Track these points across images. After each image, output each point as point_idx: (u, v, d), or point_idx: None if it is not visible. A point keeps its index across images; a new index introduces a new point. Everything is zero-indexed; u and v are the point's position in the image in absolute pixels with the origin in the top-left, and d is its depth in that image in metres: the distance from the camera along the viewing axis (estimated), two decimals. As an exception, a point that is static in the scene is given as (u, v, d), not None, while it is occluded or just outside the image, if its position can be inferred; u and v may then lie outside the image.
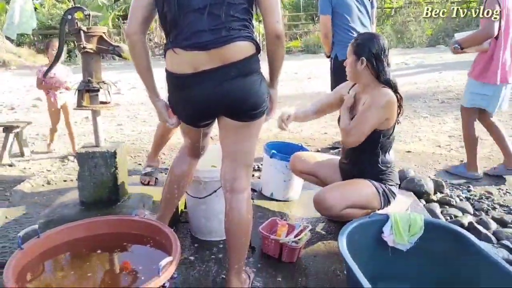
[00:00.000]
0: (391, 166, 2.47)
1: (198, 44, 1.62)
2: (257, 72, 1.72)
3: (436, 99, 6.92)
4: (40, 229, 1.80)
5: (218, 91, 1.66)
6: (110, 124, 6.12)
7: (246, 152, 1.84)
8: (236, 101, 1.69)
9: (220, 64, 1.63)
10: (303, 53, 17.62)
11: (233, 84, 1.65)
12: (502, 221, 2.83)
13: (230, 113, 1.74)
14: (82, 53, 2.41)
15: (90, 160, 2.47)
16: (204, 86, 1.66)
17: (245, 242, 1.87)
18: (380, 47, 2.33)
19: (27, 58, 15.26)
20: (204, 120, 1.85)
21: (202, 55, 1.63)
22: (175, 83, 1.74)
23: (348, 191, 2.40)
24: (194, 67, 1.65)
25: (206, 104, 1.72)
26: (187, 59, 1.65)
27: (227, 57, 1.63)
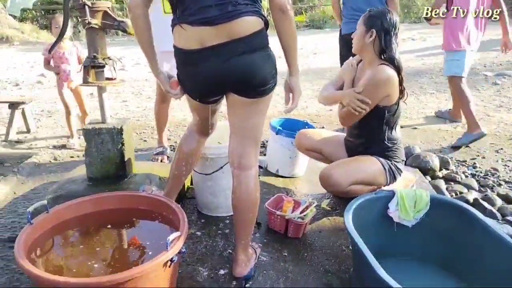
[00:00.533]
0: (397, 142, 2.47)
1: (204, 19, 1.60)
2: (265, 48, 1.69)
3: (442, 75, 6.83)
4: (49, 205, 1.82)
5: (225, 67, 1.64)
6: (115, 100, 6.12)
7: (254, 128, 1.83)
8: (244, 77, 1.67)
9: (227, 39, 1.61)
10: (308, 28, 17.37)
11: (240, 60, 1.64)
12: (507, 198, 2.84)
13: (237, 89, 1.73)
14: (87, 29, 2.39)
15: (97, 136, 2.48)
16: (211, 62, 1.65)
17: (252, 218, 1.88)
18: (392, 23, 2.29)
19: (30, 33, 15.14)
20: (212, 96, 1.83)
21: (209, 30, 1.60)
22: (183, 59, 1.73)
23: (354, 168, 2.41)
24: (201, 43, 1.63)
25: (213, 80, 1.70)
26: (194, 34, 1.63)
27: (234, 32, 1.61)
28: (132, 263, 1.68)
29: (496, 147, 3.78)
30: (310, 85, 6.70)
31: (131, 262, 1.71)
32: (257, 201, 1.88)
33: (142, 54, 1.83)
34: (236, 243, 1.91)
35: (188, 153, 2.11)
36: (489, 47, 8.69)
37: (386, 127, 2.41)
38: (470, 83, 6.12)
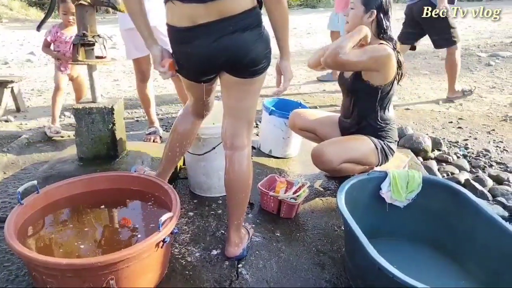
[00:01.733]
0: (390, 123, 2.46)
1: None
2: (258, 27, 1.64)
3: (436, 56, 6.82)
4: (39, 185, 1.80)
5: (216, 45, 1.61)
6: (106, 79, 6.04)
7: (247, 109, 1.81)
8: (235, 56, 1.64)
9: (218, 17, 1.57)
10: (302, 7, 17.20)
11: (231, 39, 1.60)
12: (498, 179, 2.86)
13: (230, 68, 1.70)
14: (76, 5, 2.33)
15: (88, 116, 2.45)
16: (202, 40, 1.61)
17: (244, 198, 1.88)
18: (390, 2, 2.28)
19: (19, 10, 14.88)
20: (205, 75, 1.80)
21: (200, 7, 1.56)
22: (175, 36, 1.69)
23: (347, 146, 2.40)
24: (192, 21, 1.59)
25: (205, 59, 1.67)
26: (185, 11, 1.59)
27: (225, 10, 1.57)
28: (124, 244, 1.68)
29: (488, 128, 3.79)
30: (304, 65, 6.64)
31: (123, 242, 1.71)
32: (250, 181, 1.87)
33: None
34: (229, 223, 1.91)
35: (183, 134, 2.09)
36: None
37: (379, 107, 2.40)
38: (464, 64, 6.12)
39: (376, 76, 2.31)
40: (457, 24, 4.20)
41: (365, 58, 2.24)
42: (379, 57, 2.24)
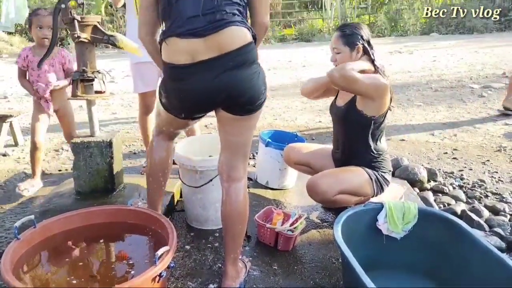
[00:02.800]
0: (383, 153, 2.48)
1: (193, 30, 1.58)
2: (255, 63, 1.68)
3: (429, 88, 6.93)
4: (36, 219, 1.80)
5: (217, 82, 1.62)
6: (105, 112, 6.09)
7: (243, 143, 1.83)
8: (234, 94, 1.65)
9: (218, 53, 1.59)
10: (297, 41, 17.53)
11: (231, 75, 1.62)
12: (494, 209, 2.87)
13: (228, 105, 1.71)
14: (76, 42, 2.39)
15: (85, 149, 2.48)
16: (201, 78, 1.63)
17: (241, 230, 1.88)
18: (368, 33, 2.38)
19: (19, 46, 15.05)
20: (198, 113, 1.83)
21: (199, 42, 1.58)
22: (171, 74, 1.70)
23: (341, 177, 2.41)
24: (191, 57, 1.61)
25: (204, 96, 1.68)
26: (183, 47, 1.61)
27: (224, 45, 1.59)
28: (121, 278, 1.67)
29: (483, 158, 3.83)
30: (299, 97, 6.73)
31: (119, 277, 1.69)
32: (246, 213, 1.88)
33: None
34: (226, 257, 1.90)
35: (161, 163, 2.07)
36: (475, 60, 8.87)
37: (371, 138, 2.43)
38: (457, 96, 6.22)
39: (371, 105, 2.34)
40: (449, 57, 4.26)
41: (368, 82, 2.27)
42: (380, 86, 2.29)
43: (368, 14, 19.63)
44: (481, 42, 12.48)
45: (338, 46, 2.37)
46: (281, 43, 17.18)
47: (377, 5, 19.96)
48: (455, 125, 4.87)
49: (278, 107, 6.09)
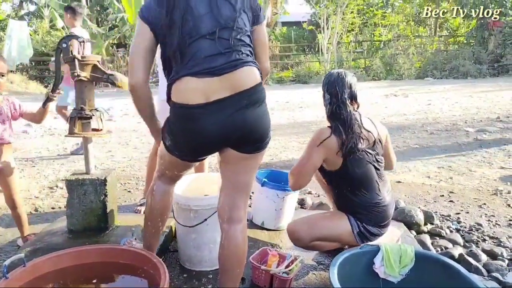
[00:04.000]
0: (368, 206, 2.35)
1: (211, 69, 1.59)
2: (264, 101, 1.71)
3: (424, 130, 7.00)
4: (27, 258, 1.77)
5: (229, 122, 1.62)
6: (101, 150, 6.10)
7: (248, 182, 1.83)
8: (247, 132, 1.66)
9: (232, 92, 1.60)
10: (294, 82, 17.83)
11: (245, 114, 1.63)
12: (492, 253, 2.84)
13: (237, 144, 1.70)
14: (75, 81, 2.43)
15: (80, 187, 2.46)
16: (216, 117, 1.61)
17: (239, 273, 1.85)
18: (331, 81, 2.38)
19: (19, 84, 15.27)
20: (207, 153, 1.82)
21: (214, 82, 1.59)
22: (184, 114, 1.65)
23: (319, 224, 2.39)
24: (206, 96, 1.59)
25: (216, 136, 1.65)
26: (197, 86, 1.60)
27: (239, 84, 1.61)
28: (110, 320, 1.62)
29: (480, 202, 3.81)
30: (296, 137, 6.79)
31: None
32: (245, 256, 1.86)
33: (130, 104, 1.86)
34: None
35: (162, 208, 2.00)
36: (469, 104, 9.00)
37: (348, 191, 2.36)
38: (452, 139, 6.28)
39: (325, 161, 2.36)
40: (444, 101, 4.32)
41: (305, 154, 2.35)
42: (315, 145, 2.31)
43: (364, 58, 20.12)
44: (475, 87, 12.73)
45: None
46: (279, 84, 17.47)
47: (373, 49, 20.48)
48: (451, 168, 4.89)
49: (275, 147, 6.11)
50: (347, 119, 2.28)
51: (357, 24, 20.51)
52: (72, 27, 5.23)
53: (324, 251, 2.62)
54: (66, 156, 5.77)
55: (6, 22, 17.45)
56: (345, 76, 2.34)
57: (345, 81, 2.32)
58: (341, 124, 2.29)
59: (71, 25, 5.28)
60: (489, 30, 17.15)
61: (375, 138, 2.36)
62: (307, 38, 23.20)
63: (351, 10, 19.18)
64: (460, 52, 17.55)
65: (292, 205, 3.04)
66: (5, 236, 2.99)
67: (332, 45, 18.68)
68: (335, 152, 2.27)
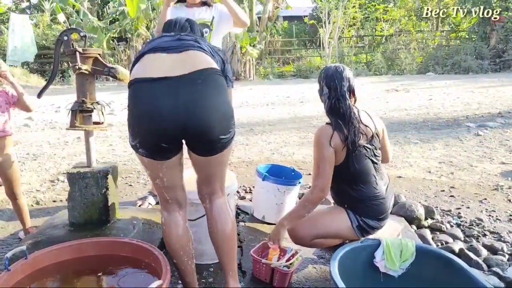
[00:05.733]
0: (366, 200, 2.34)
1: (167, 48, 1.72)
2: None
3: (426, 126, 6.99)
4: (28, 250, 1.77)
5: (183, 106, 1.64)
6: (102, 144, 6.10)
7: (220, 175, 1.88)
8: (201, 127, 1.67)
9: (189, 70, 1.66)
10: (295, 77, 17.80)
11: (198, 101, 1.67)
12: (492, 248, 2.84)
13: (194, 144, 1.74)
14: (77, 74, 2.42)
15: (81, 180, 2.46)
16: (171, 95, 1.63)
17: (233, 245, 1.90)
18: (329, 74, 2.35)
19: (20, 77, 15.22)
20: (167, 143, 1.69)
21: (173, 57, 1.69)
22: (144, 89, 1.65)
23: (319, 222, 2.37)
24: (163, 71, 1.65)
25: (172, 119, 1.62)
26: (156, 61, 1.70)
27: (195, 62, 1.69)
28: (112, 313, 1.63)
29: (480, 197, 3.81)
30: (297, 132, 6.78)
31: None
32: (235, 226, 1.92)
33: None
34: (225, 274, 1.91)
35: (181, 242, 1.88)
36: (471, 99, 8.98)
37: (342, 185, 2.36)
38: (453, 134, 6.27)
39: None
40: (445, 96, 4.31)
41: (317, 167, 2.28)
42: (320, 157, 2.27)
43: (365, 53, 20.06)
44: (476, 82, 12.70)
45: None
46: (280, 79, 17.43)
47: (374, 44, 20.42)
48: (452, 163, 4.89)
49: (276, 141, 6.11)
50: (347, 113, 2.26)
51: (359, 18, 20.45)
52: None
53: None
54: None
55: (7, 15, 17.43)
56: (343, 69, 2.32)
57: (343, 75, 2.29)
58: (340, 119, 2.26)
59: None
60: (491, 25, 17.09)
61: (372, 133, 2.35)
62: (308, 32, 23.13)
63: (353, 5, 19.12)
64: (462, 47, 17.50)
65: (293, 199, 3.05)
66: (7, 229, 3.00)
67: (333, 40, 18.63)
68: (341, 148, 2.25)
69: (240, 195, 3.75)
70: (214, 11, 3.02)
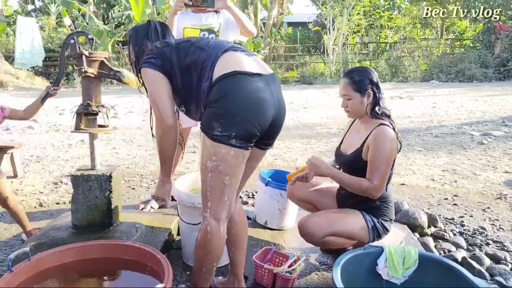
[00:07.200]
0: (386, 201, 2.41)
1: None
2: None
3: (429, 133, 6.98)
4: (31, 252, 1.78)
5: (276, 98, 1.80)
6: (106, 147, 6.11)
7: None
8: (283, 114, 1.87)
9: (265, 71, 1.81)
10: (299, 83, 17.82)
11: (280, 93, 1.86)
12: (495, 257, 2.83)
13: (272, 135, 1.88)
14: (83, 77, 2.44)
15: (85, 183, 2.47)
16: (270, 89, 1.78)
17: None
18: (376, 76, 2.39)
19: (25, 79, 15.33)
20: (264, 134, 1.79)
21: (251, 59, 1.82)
22: (247, 82, 1.70)
23: (333, 220, 2.35)
24: (257, 67, 1.78)
25: (272, 112, 1.78)
26: (246, 57, 1.79)
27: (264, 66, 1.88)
28: (114, 316, 1.63)
29: (484, 205, 3.80)
30: (300, 138, 6.79)
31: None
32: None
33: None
34: (239, 272, 2.10)
35: (221, 250, 1.86)
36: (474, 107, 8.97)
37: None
38: (457, 142, 6.26)
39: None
40: (449, 104, 4.31)
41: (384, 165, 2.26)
42: (390, 157, 2.27)
43: (370, 60, 20.08)
44: (480, 90, 12.69)
45: (349, 92, 2.35)
46: (284, 84, 17.45)
47: (378, 51, 20.45)
48: (456, 171, 4.88)
49: (279, 147, 6.11)
50: (390, 114, 2.38)
51: (363, 25, 20.49)
52: None
53: (328, 251, 2.63)
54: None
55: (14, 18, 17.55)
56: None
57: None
58: (389, 120, 2.34)
59: None
60: (496, 34, 17.09)
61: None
62: (312, 39, 23.19)
63: (358, 12, 19.16)
64: (466, 56, 17.49)
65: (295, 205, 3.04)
66: (10, 230, 3.01)
67: (337, 46, 18.66)
68: (396, 149, 2.30)
69: (242, 200, 3.75)
70: (221, 17, 3.04)
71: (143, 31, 1.95)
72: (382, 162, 2.24)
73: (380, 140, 2.25)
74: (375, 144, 2.26)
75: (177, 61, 1.79)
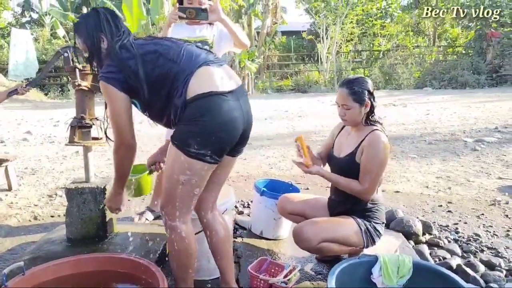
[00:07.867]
0: (378, 204, 2.46)
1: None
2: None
3: (423, 140, 7.02)
4: (26, 266, 1.77)
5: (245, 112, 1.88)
6: (100, 158, 6.10)
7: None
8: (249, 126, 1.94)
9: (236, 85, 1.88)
10: (293, 91, 17.90)
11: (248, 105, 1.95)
12: (490, 264, 2.84)
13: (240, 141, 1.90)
14: (76, 90, 2.45)
15: (79, 195, 2.47)
16: (238, 105, 1.83)
17: (231, 252, 2.14)
18: (372, 86, 2.45)
19: (19, 91, 15.27)
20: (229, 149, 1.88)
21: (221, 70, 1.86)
22: (227, 101, 1.76)
23: (326, 225, 2.37)
24: (226, 84, 1.81)
25: (242, 126, 1.85)
26: (218, 73, 1.81)
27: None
28: (108, 330, 1.62)
29: (478, 212, 3.82)
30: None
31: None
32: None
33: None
34: (229, 279, 2.11)
35: (195, 253, 1.95)
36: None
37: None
38: (451, 149, 6.30)
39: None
40: (443, 111, 4.35)
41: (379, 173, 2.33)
42: (383, 162, 2.33)
43: (363, 67, 20.22)
44: (473, 97, 12.79)
45: (348, 103, 2.37)
46: (278, 93, 17.51)
47: (372, 59, 20.59)
48: (449, 178, 4.91)
49: (274, 156, 6.13)
50: (382, 122, 2.46)
51: (356, 34, 20.63)
52: None
53: (323, 261, 2.63)
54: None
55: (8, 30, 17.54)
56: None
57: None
58: (381, 127, 2.43)
59: None
60: (488, 40, 17.28)
61: None
62: (306, 47, 23.32)
63: (351, 20, 19.30)
64: (459, 62, 17.66)
65: (291, 214, 3.05)
66: (4, 244, 2.99)
67: (331, 55, 18.78)
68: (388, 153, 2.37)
69: (238, 210, 3.75)
70: (215, 29, 3.06)
71: (93, 22, 1.82)
72: (375, 166, 2.31)
73: (375, 145, 2.32)
74: (370, 148, 2.32)
75: (144, 76, 1.73)
